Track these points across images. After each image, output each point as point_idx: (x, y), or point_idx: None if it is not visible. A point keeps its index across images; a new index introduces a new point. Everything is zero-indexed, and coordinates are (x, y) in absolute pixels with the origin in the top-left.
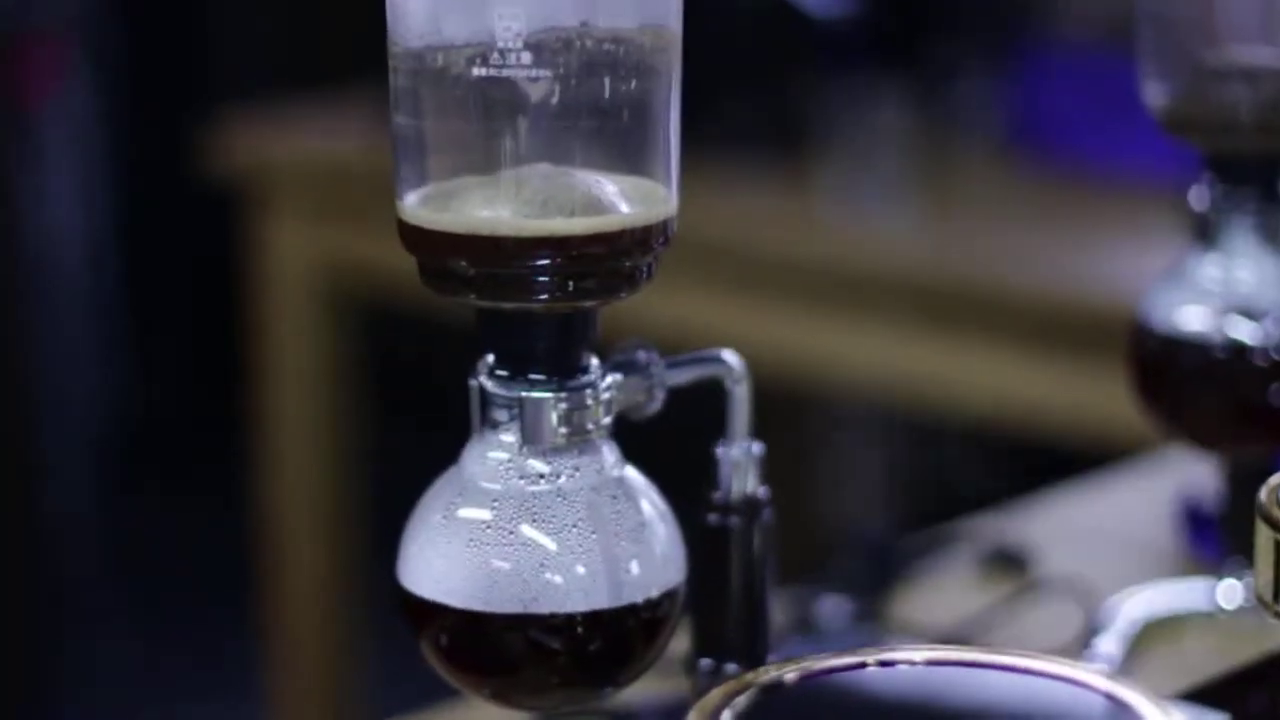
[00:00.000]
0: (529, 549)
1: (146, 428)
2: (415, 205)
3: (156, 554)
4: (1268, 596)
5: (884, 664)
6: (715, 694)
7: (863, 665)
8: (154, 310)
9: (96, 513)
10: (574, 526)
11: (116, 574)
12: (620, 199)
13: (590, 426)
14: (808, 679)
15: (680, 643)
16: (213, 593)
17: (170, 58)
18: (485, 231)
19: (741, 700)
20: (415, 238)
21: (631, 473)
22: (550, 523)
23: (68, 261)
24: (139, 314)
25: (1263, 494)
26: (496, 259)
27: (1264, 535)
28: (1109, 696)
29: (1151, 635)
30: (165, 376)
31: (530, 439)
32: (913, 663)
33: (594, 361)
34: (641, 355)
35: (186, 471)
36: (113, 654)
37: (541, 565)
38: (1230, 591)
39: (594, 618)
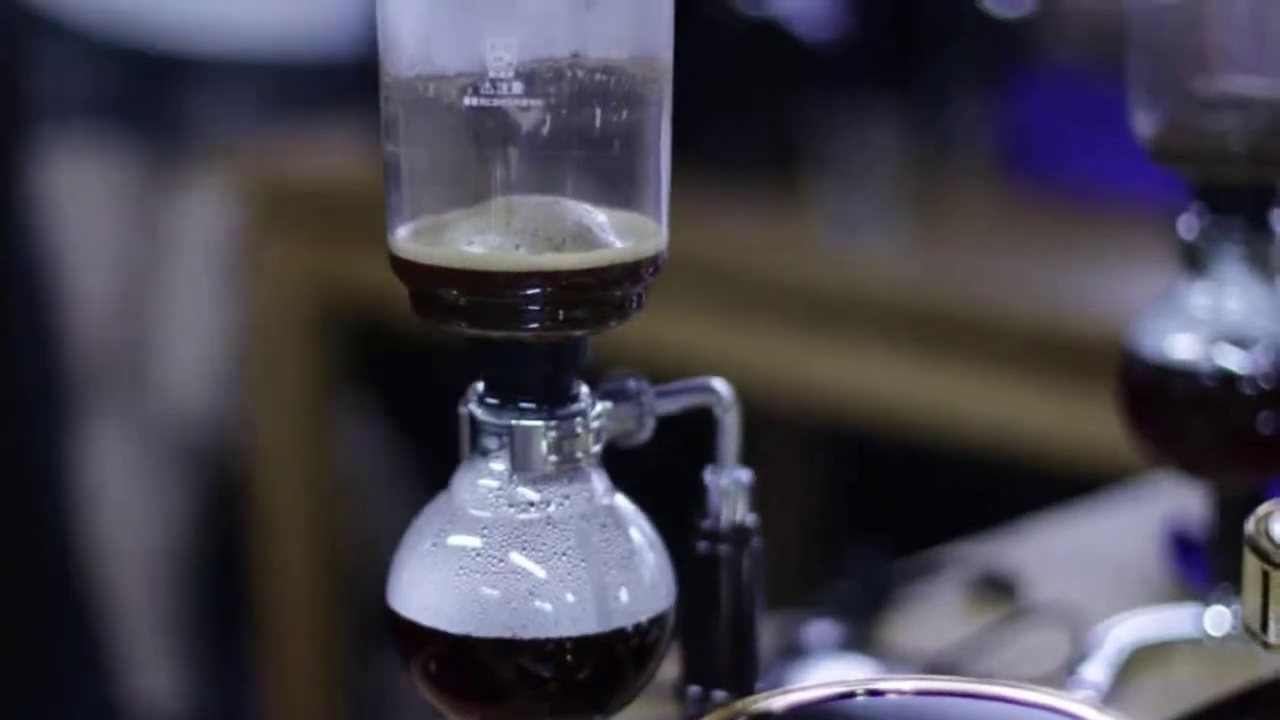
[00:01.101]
0: (518, 577)
1: None
2: (406, 237)
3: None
4: (1255, 626)
5: (873, 694)
6: None
7: (851, 695)
8: None
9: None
10: (563, 554)
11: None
12: (610, 229)
13: (580, 455)
14: (797, 709)
15: (669, 670)
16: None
17: None
18: (476, 266)
19: None
20: (406, 269)
21: (621, 501)
22: (540, 551)
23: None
24: None
25: (1250, 524)
26: (487, 290)
27: (1251, 565)
28: None
29: (1139, 662)
30: None
31: (520, 467)
32: (901, 693)
33: (584, 390)
34: (631, 383)
35: None
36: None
37: (531, 593)
38: (1218, 619)
39: (583, 645)
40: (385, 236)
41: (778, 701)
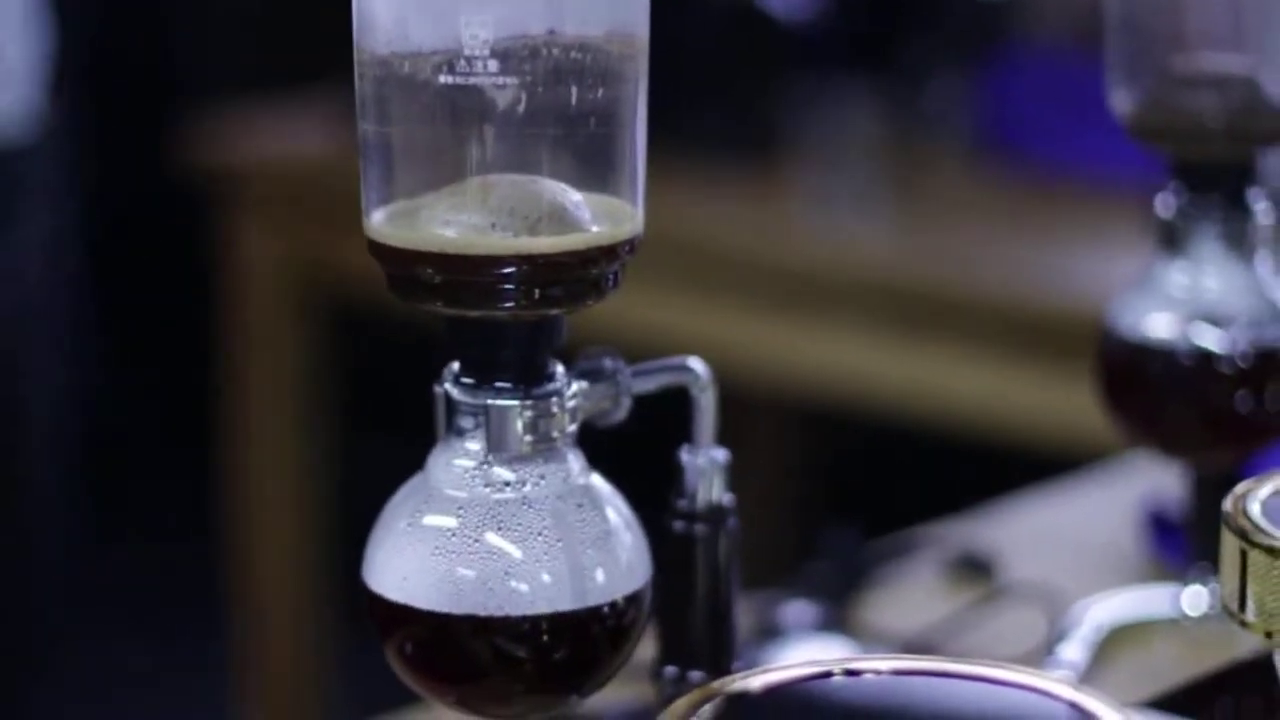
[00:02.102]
0: (494, 557)
1: (117, 427)
2: (381, 218)
3: (123, 555)
4: (1233, 605)
5: (850, 673)
6: (681, 703)
7: (829, 675)
8: (126, 309)
9: (62, 514)
10: (539, 534)
11: (82, 575)
12: (586, 207)
13: (556, 434)
14: (774, 689)
15: (646, 650)
16: (182, 590)
17: (141, 57)
18: (451, 250)
19: (707, 710)
20: (382, 250)
21: (597, 480)
22: (515, 531)
23: (38, 260)
24: (110, 313)
25: (1228, 503)
26: (463, 270)
27: (1230, 544)
28: (1074, 706)
29: (1117, 642)
30: (134, 377)
31: (496, 447)
32: (879, 672)
33: (560, 369)
34: (607, 363)
35: (155, 472)
36: (80, 657)
37: (506, 573)
38: (1196, 598)
39: (558, 624)
40: (360, 216)
41: (755, 681)
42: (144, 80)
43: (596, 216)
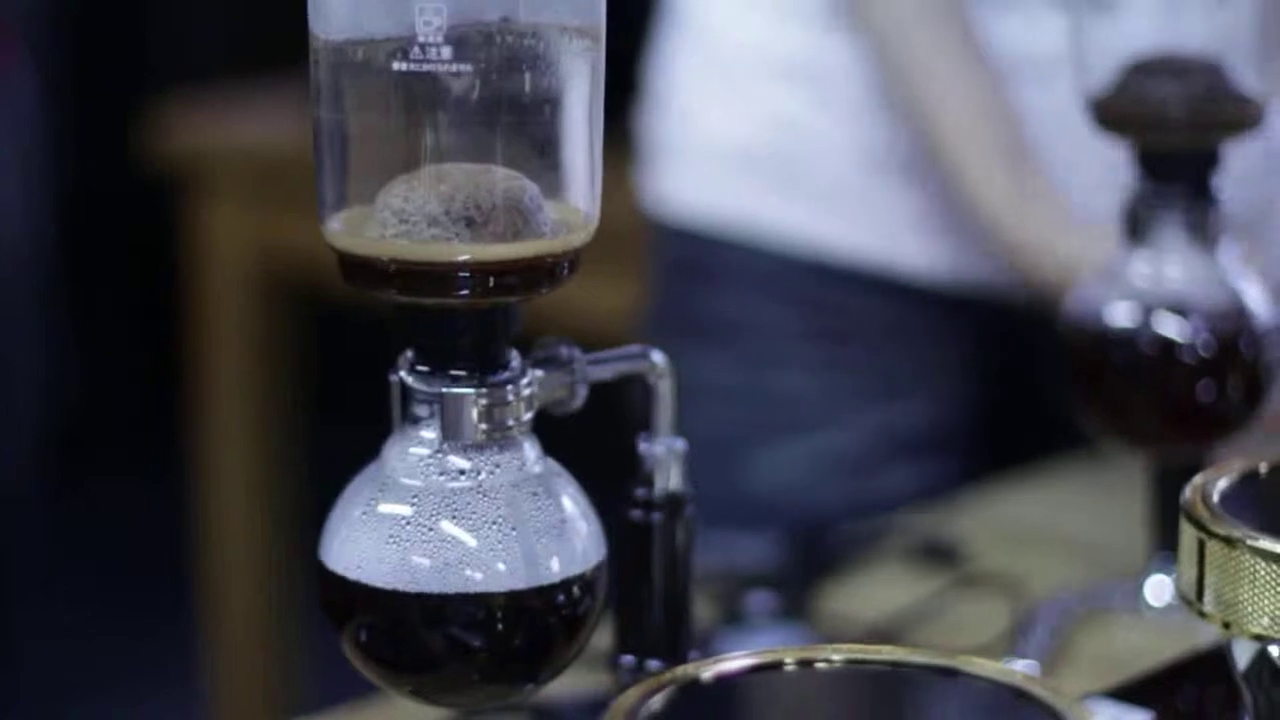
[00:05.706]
0: (449, 545)
1: (84, 412)
2: (337, 209)
3: (93, 537)
4: (1191, 595)
5: (802, 664)
6: (631, 693)
7: (780, 665)
8: (93, 294)
9: (32, 499)
10: (494, 523)
11: (53, 557)
12: (540, 196)
13: (511, 423)
14: (724, 678)
15: (603, 640)
16: (149, 576)
17: (112, 42)
18: (405, 256)
19: (657, 699)
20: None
21: (553, 468)
22: (470, 519)
23: (6, 245)
24: (78, 298)
25: (1187, 493)
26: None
27: (1188, 534)
28: (1028, 696)
29: (1079, 632)
30: (103, 361)
31: (451, 435)
32: (831, 662)
33: (515, 357)
34: (563, 351)
35: (123, 454)
36: (49, 638)
37: (461, 561)
38: (1158, 589)
39: (512, 609)
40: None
41: (705, 671)
42: (115, 65)
43: (550, 224)
